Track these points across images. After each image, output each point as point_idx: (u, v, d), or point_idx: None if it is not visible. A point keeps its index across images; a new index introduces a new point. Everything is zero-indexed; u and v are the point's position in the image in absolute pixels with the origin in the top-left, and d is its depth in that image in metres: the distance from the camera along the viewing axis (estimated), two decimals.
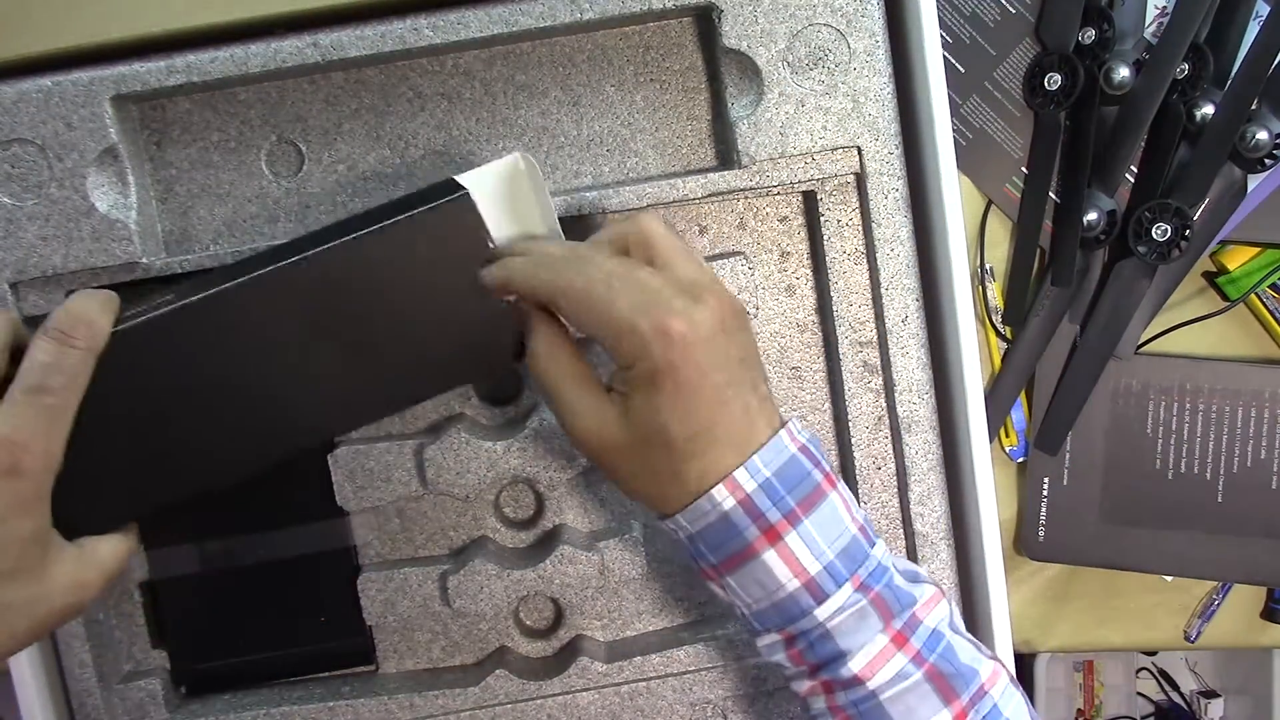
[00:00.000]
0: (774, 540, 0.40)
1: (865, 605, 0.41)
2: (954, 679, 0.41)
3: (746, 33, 0.49)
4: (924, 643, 0.42)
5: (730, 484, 0.40)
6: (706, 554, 0.42)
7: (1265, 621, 0.69)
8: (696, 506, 0.40)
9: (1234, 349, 0.65)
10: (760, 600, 0.41)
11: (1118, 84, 0.60)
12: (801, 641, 0.42)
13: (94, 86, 0.47)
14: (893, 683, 0.41)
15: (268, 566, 0.53)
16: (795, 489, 0.41)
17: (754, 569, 0.41)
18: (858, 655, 0.41)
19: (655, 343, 0.39)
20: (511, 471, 0.52)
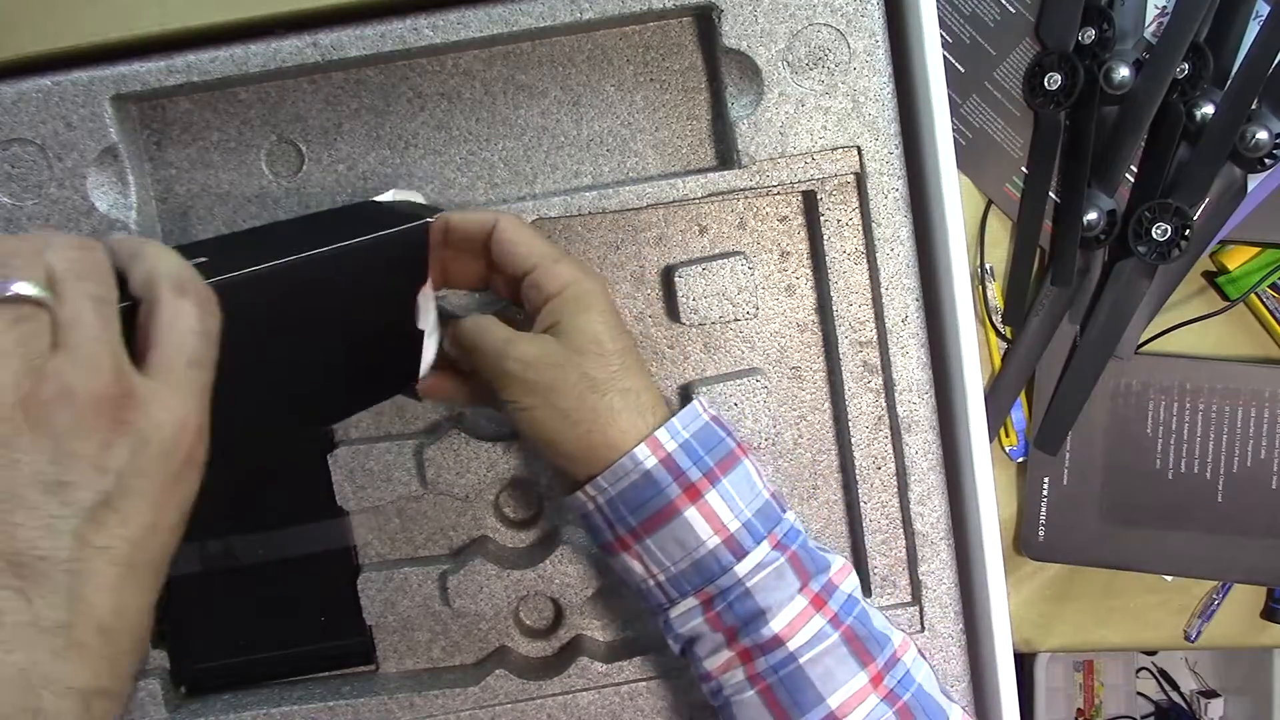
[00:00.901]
0: (694, 498, 0.41)
1: (783, 563, 0.42)
2: (869, 642, 0.42)
3: (746, 32, 0.49)
4: (840, 606, 0.43)
5: (652, 443, 0.42)
6: (626, 516, 0.42)
7: (1265, 621, 0.69)
8: (619, 466, 0.42)
9: (1234, 349, 0.65)
10: (679, 561, 0.42)
11: (1118, 84, 0.60)
12: (720, 602, 0.42)
13: (94, 86, 0.47)
14: (811, 644, 0.41)
15: (268, 566, 0.53)
16: (712, 451, 0.42)
17: (675, 528, 0.42)
18: (778, 615, 0.41)
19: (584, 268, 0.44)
20: (511, 471, 0.52)
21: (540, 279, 0.43)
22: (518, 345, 0.42)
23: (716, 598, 0.42)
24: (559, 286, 0.43)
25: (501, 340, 0.43)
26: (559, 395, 0.42)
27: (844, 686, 0.41)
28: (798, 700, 0.41)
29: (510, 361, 0.42)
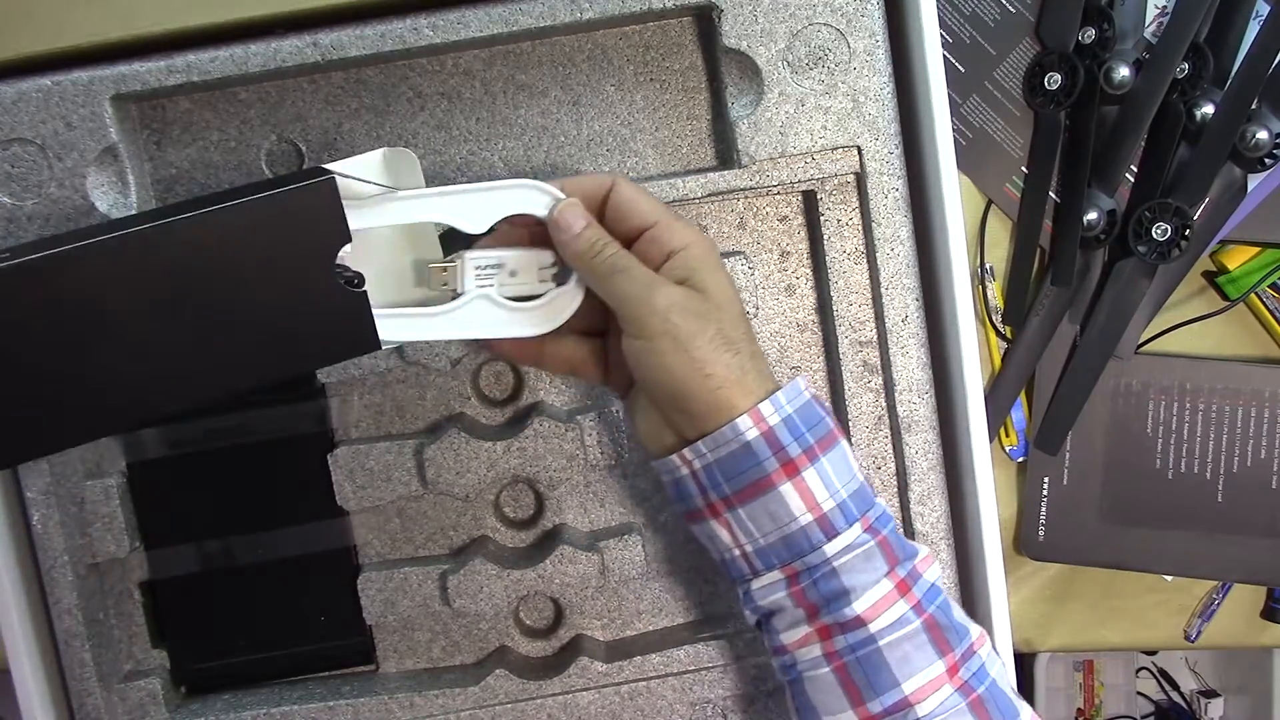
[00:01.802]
0: (791, 474, 0.42)
1: (873, 546, 0.42)
2: (949, 632, 0.42)
3: (746, 32, 0.49)
4: (924, 594, 0.43)
5: (755, 415, 0.42)
6: (721, 483, 0.42)
7: (1265, 621, 0.69)
8: (720, 434, 0.42)
9: (1234, 349, 0.65)
10: (769, 534, 0.42)
11: (1118, 83, 0.60)
12: (805, 578, 0.42)
13: (94, 86, 0.47)
14: (893, 628, 0.42)
15: (268, 566, 0.53)
16: (813, 429, 0.43)
17: (768, 501, 0.42)
18: (862, 596, 0.41)
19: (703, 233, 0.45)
20: (511, 471, 0.52)
21: (662, 234, 0.43)
22: (663, 287, 0.42)
23: (802, 574, 0.42)
24: (682, 243, 0.43)
25: (647, 279, 0.43)
26: (696, 345, 0.42)
27: (920, 673, 0.41)
28: (872, 681, 0.41)
29: (658, 298, 0.42)
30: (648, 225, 0.44)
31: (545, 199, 0.44)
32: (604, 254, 0.43)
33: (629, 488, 0.54)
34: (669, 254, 0.43)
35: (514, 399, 0.54)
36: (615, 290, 0.43)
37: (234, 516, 0.53)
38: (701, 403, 0.42)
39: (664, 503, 0.54)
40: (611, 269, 0.43)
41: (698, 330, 0.42)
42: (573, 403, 0.53)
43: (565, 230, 0.44)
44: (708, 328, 0.42)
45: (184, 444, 0.52)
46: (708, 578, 0.55)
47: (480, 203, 0.44)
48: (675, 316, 0.42)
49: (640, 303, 0.42)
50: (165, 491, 0.52)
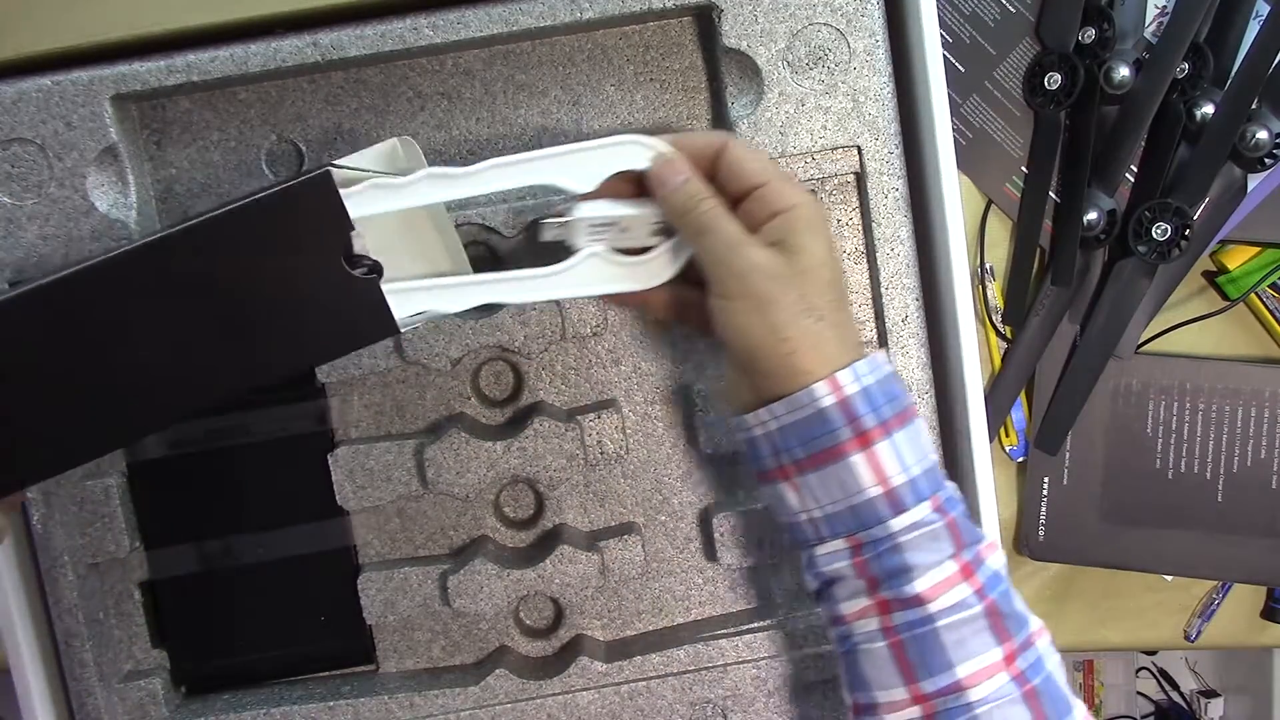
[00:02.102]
0: (864, 445, 0.41)
1: (940, 527, 0.42)
2: (1009, 620, 0.42)
3: (746, 32, 0.49)
4: (987, 579, 0.42)
5: (831, 383, 0.41)
6: (794, 447, 0.42)
7: (1265, 621, 0.69)
8: (795, 398, 0.42)
9: (1234, 349, 0.65)
10: (837, 502, 0.42)
11: (1118, 83, 0.60)
12: (869, 550, 0.42)
13: (94, 86, 0.47)
14: (952, 610, 0.41)
15: (268, 566, 0.53)
16: (890, 403, 0.42)
17: (838, 470, 0.42)
18: (924, 575, 0.41)
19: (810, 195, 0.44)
20: (511, 471, 0.52)
21: (769, 194, 0.43)
22: (749, 247, 0.42)
23: (866, 545, 0.42)
24: (787, 204, 0.43)
25: (735, 236, 0.43)
26: (774, 309, 0.42)
27: (976, 658, 0.41)
28: (927, 661, 0.41)
29: (739, 260, 0.42)
30: (757, 185, 0.43)
31: (648, 154, 0.45)
32: (697, 210, 0.43)
33: (629, 488, 0.54)
34: (773, 214, 0.43)
35: (514, 399, 0.54)
36: (703, 247, 0.43)
37: (234, 516, 0.53)
38: (773, 365, 0.42)
39: (664, 503, 0.54)
40: (701, 226, 0.43)
41: (778, 294, 0.42)
42: (573, 403, 0.53)
43: (663, 185, 0.44)
44: (789, 292, 0.42)
45: (184, 444, 0.52)
46: (708, 577, 0.55)
47: (585, 161, 0.45)
48: (755, 279, 0.42)
49: (723, 263, 0.42)
50: (165, 491, 0.52)
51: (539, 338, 0.51)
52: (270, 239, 0.42)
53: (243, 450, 0.52)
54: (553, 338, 0.51)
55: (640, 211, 0.45)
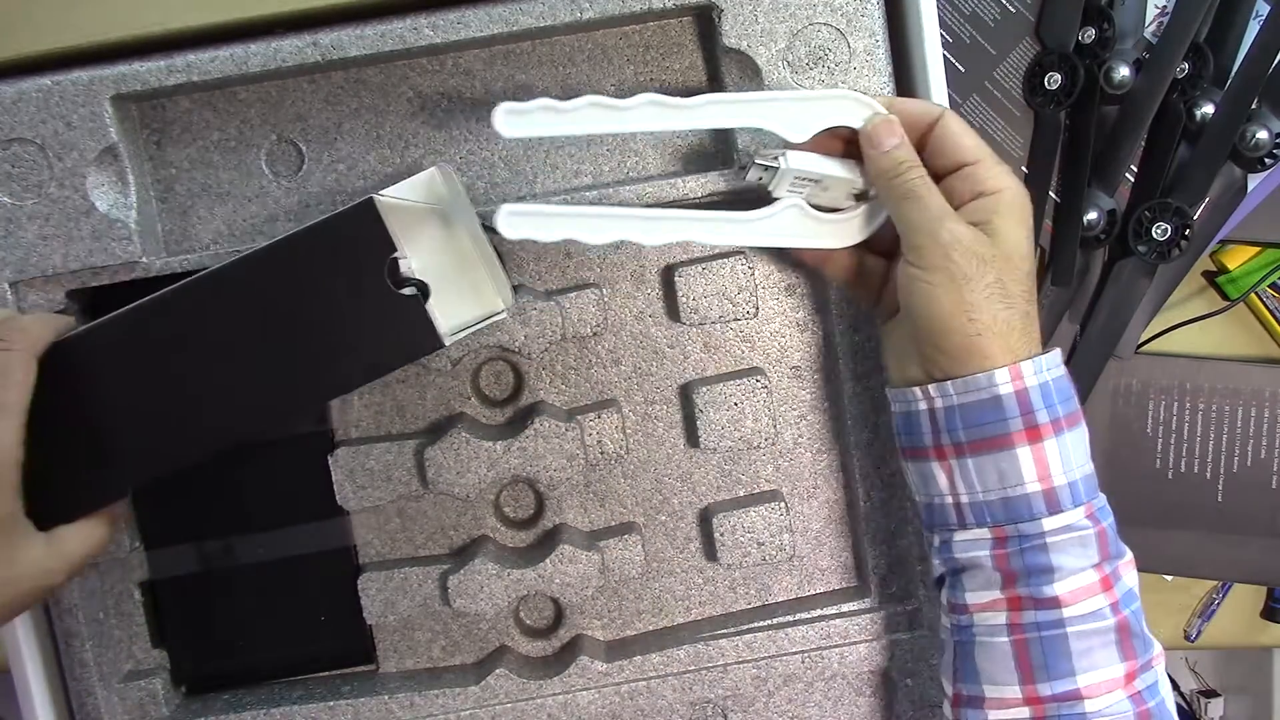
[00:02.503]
0: (1033, 439, 0.41)
1: (1090, 535, 0.42)
2: (1137, 639, 0.42)
3: (746, 32, 0.49)
4: (1123, 595, 0.42)
5: (1014, 370, 0.41)
6: (958, 429, 0.42)
7: (1265, 621, 0.69)
8: (973, 380, 0.41)
9: (1234, 349, 0.65)
10: (991, 491, 0.42)
11: (1118, 83, 0.60)
12: (1014, 545, 0.42)
13: (94, 86, 0.47)
14: (1086, 619, 0.41)
15: (268, 566, 0.53)
16: (1064, 402, 0.42)
17: (1001, 459, 0.41)
18: (1066, 579, 0.41)
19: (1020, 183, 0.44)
20: (511, 471, 0.52)
21: (979, 173, 0.43)
22: (952, 223, 0.42)
23: (1011, 539, 0.42)
24: (996, 186, 0.43)
25: (941, 207, 0.43)
26: (970, 287, 0.41)
27: (1099, 670, 0.41)
28: (1049, 664, 0.41)
29: (943, 231, 0.42)
30: (968, 162, 0.43)
31: (865, 112, 0.45)
32: (906, 175, 0.43)
33: (629, 488, 0.54)
34: (978, 194, 0.43)
35: (514, 399, 0.54)
36: (905, 214, 0.43)
37: (234, 516, 0.53)
38: (958, 344, 0.41)
39: (664, 502, 0.54)
40: (908, 192, 0.43)
41: (975, 274, 0.41)
42: (573, 403, 0.53)
43: (876, 145, 0.44)
44: (987, 274, 0.41)
45: None
46: (708, 577, 0.55)
47: (801, 111, 0.45)
48: (956, 254, 0.41)
49: (925, 233, 0.42)
50: (165, 491, 0.52)
51: (539, 338, 0.51)
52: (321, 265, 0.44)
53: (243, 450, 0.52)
54: (553, 338, 0.51)
55: (845, 174, 0.46)
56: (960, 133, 0.44)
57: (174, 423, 0.45)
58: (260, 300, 0.44)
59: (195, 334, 0.44)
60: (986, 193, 0.43)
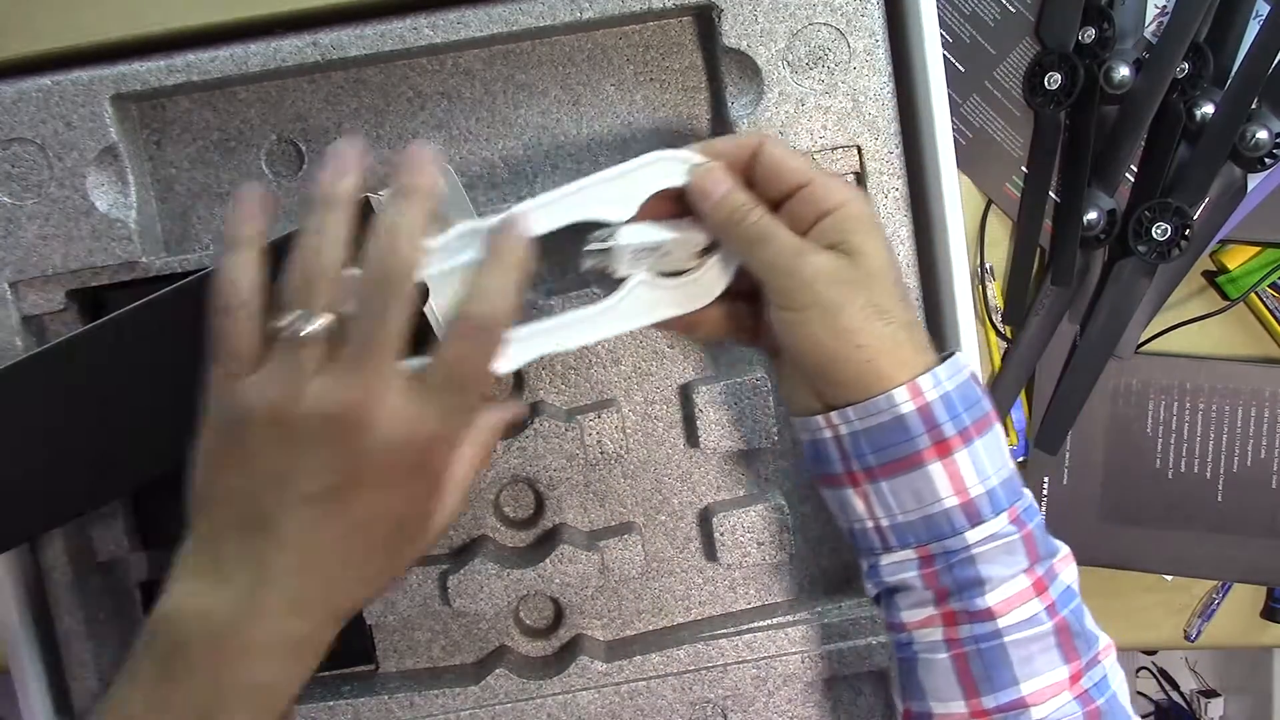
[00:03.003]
0: (943, 454, 0.40)
1: (1016, 540, 0.41)
2: (1079, 638, 0.41)
3: (746, 32, 0.49)
4: (1059, 595, 0.41)
5: (912, 388, 0.40)
6: (866, 453, 0.41)
7: (1265, 621, 0.69)
8: (873, 403, 0.40)
9: (1234, 348, 0.65)
10: (910, 512, 0.41)
11: (1118, 83, 0.60)
12: (941, 562, 0.41)
13: (94, 86, 0.47)
14: (1022, 626, 0.40)
15: None
16: (970, 409, 0.41)
17: (914, 478, 0.40)
18: (997, 589, 0.40)
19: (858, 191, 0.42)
20: (511, 471, 0.52)
21: (815, 193, 0.41)
22: (811, 254, 0.40)
23: (938, 556, 0.41)
24: (837, 203, 0.41)
25: (793, 243, 0.41)
26: (846, 315, 0.40)
27: (1041, 676, 0.40)
28: (991, 676, 0.40)
29: (804, 267, 0.40)
30: (800, 185, 0.42)
31: (683, 167, 0.43)
32: (746, 220, 0.41)
33: (629, 488, 0.54)
34: (822, 214, 0.41)
35: (514, 399, 0.54)
36: (759, 259, 0.41)
37: None
38: (852, 374, 0.40)
39: (664, 502, 0.54)
40: (754, 237, 0.41)
41: (847, 300, 0.40)
42: (573, 402, 0.53)
43: (706, 197, 0.42)
44: (857, 297, 0.40)
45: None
46: (708, 577, 0.55)
47: (617, 190, 0.43)
48: (822, 286, 0.40)
49: (786, 273, 0.40)
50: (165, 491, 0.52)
51: None
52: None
53: None
54: None
55: (683, 234, 0.43)
56: (784, 156, 0.42)
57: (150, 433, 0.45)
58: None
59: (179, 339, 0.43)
60: (830, 210, 0.41)
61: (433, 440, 0.39)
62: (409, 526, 0.40)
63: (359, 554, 0.39)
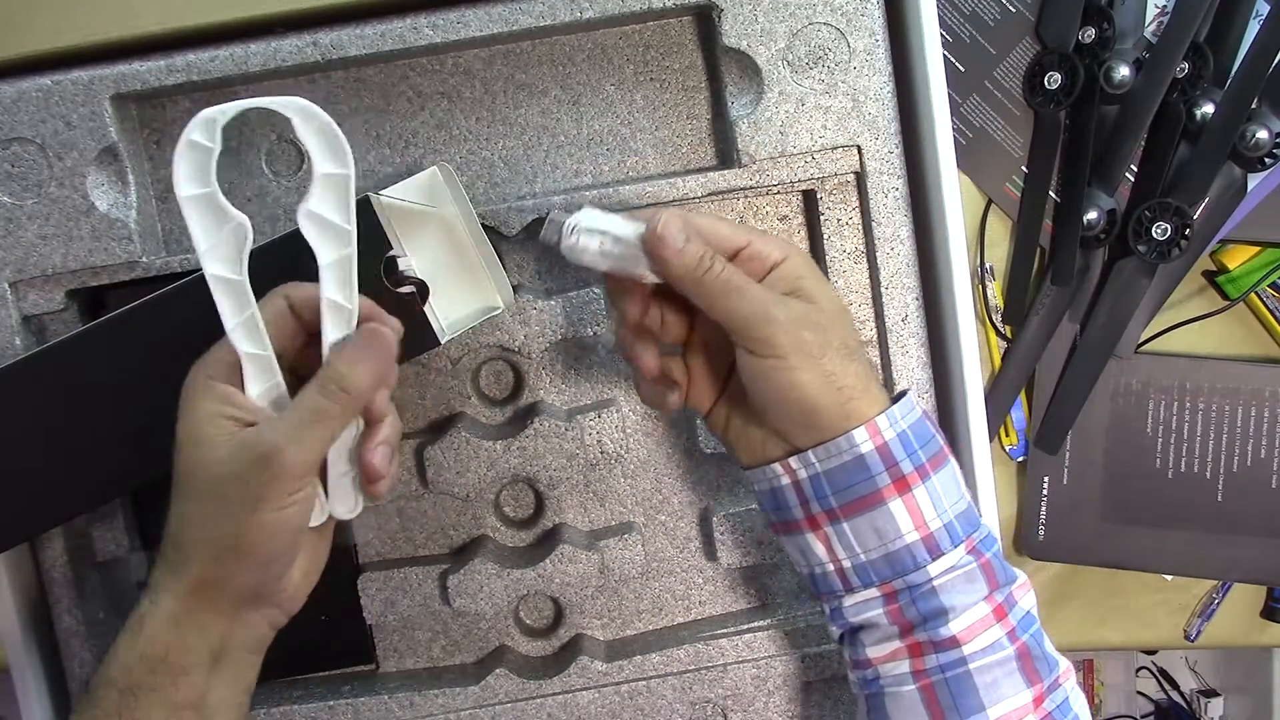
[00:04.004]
0: (903, 490, 0.41)
1: (975, 569, 0.42)
2: (1040, 662, 0.42)
3: (746, 32, 0.49)
4: (1019, 621, 0.42)
5: (871, 428, 0.41)
6: (827, 495, 0.41)
7: (1265, 620, 0.69)
8: (833, 444, 0.41)
9: (1234, 348, 0.65)
10: (872, 550, 0.42)
11: (1118, 83, 0.60)
12: (904, 597, 0.42)
13: (94, 86, 0.47)
14: (985, 652, 0.41)
15: None
16: (925, 446, 0.42)
17: (876, 516, 0.41)
18: (960, 617, 0.41)
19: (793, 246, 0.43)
20: (511, 471, 0.52)
21: (759, 250, 0.42)
22: (783, 302, 0.41)
23: (901, 592, 0.42)
24: (781, 255, 0.42)
25: (764, 295, 0.41)
26: (827, 358, 0.41)
27: (1006, 700, 0.41)
28: (958, 703, 0.41)
29: (780, 314, 0.40)
30: (740, 247, 0.42)
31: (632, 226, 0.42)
32: (714, 270, 0.41)
33: (629, 487, 0.54)
34: (771, 267, 0.42)
35: (514, 399, 0.54)
36: (734, 309, 0.41)
37: None
38: (833, 415, 0.41)
39: (664, 502, 0.54)
40: (725, 288, 0.41)
41: (825, 342, 0.41)
42: (573, 402, 0.53)
43: (667, 246, 0.41)
44: (831, 339, 0.41)
45: None
46: (708, 577, 0.55)
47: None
48: (800, 331, 0.40)
49: (763, 320, 0.40)
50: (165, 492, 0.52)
51: (539, 337, 0.51)
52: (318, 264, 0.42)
53: None
54: (553, 338, 0.51)
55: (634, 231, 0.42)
56: (714, 224, 0.42)
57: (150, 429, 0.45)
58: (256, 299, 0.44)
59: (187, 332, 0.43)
60: (777, 262, 0.42)
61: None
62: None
63: None
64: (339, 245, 0.41)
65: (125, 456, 0.46)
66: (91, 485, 0.47)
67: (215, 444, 0.38)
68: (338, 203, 0.40)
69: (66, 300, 0.49)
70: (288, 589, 0.42)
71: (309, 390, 0.39)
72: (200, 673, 0.39)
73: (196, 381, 0.40)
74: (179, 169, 0.39)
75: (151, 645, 0.39)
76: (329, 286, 0.41)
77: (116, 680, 0.38)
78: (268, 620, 0.42)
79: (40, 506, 0.46)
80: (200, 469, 0.38)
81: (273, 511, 0.38)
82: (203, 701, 0.40)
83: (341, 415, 0.39)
